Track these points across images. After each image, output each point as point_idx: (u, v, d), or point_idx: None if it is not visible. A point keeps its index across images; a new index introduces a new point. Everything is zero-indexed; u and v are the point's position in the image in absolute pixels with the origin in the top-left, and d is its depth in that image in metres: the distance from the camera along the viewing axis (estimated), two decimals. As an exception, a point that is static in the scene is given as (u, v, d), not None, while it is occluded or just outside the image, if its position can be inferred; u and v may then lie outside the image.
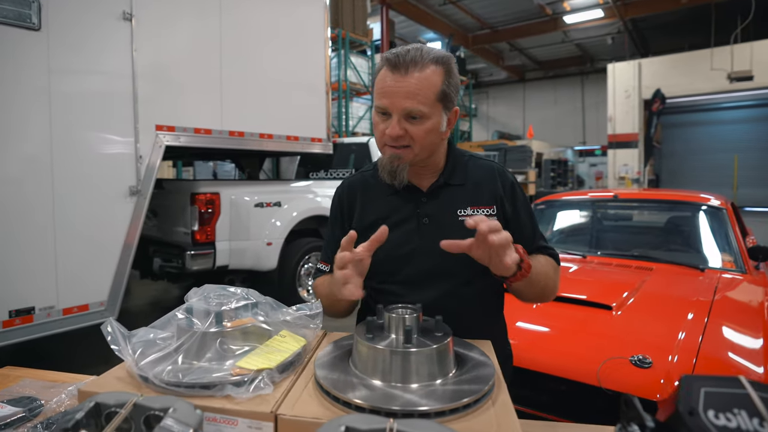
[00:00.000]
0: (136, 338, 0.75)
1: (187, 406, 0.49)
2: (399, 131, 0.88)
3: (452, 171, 1.00)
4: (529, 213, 1.03)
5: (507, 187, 1.01)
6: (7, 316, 2.30)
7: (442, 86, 0.89)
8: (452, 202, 0.98)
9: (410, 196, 0.99)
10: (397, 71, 0.87)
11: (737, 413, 0.38)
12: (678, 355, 1.36)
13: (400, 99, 0.86)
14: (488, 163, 1.04)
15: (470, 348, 0.73)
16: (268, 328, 0.78)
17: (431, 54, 0.88)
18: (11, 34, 2.25)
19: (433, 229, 0.96)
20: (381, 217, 0.99)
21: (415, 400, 0.56)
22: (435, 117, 0.90)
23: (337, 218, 1.07)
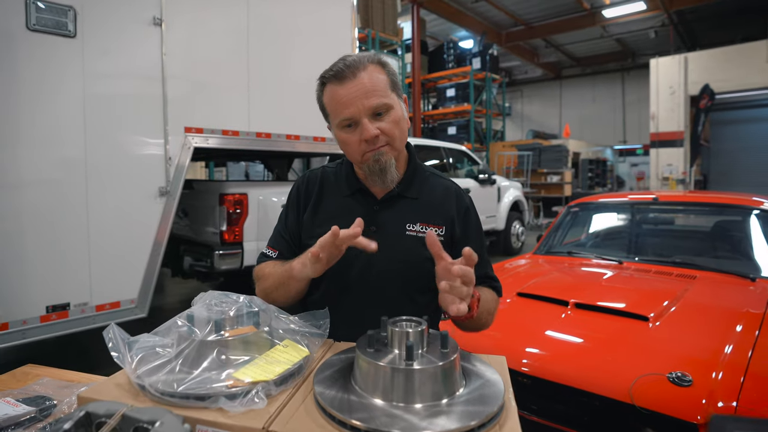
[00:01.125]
0: (137, 344, 0.74)
1: (174, 420, 0.47)
2: (375, 131, 0.88)
3: (409, 183, 1.00)
4: (480, 240, 1.03)
5: (461, 210, 1.01)
6: (44, 311, 2.41)
7: (388, 76, 0.92)
8: (404, 215, 0.98)
9: (364, 201, 0.99)
10: (343, 80, 0.89)
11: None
12: (723, 372, 1.23)
13: (361, 100, 0.88)
14: (447, 183, 1.05)
15: (481, 363, 0.67)
16: (269, 337, 0.75)
17: (364, 57, 0.92)
18: (49, 42, 2.35)
19: (381, 238, 0.92)
20: (333, 216, 0.98)
21: (416, 422, 0.52)
22: (396, 106, 0.92)
23: (292, 208, 1.06)
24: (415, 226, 0.96)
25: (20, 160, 2.31)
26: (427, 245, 0.76)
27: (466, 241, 0.98)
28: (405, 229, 0.96)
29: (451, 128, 11.89)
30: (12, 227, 2.30)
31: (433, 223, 0.97)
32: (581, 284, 2.13)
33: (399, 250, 0.95)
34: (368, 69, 0.89)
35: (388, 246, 0.93)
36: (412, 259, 0.94)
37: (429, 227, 0.96)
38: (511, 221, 6.86)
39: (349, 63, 0.89)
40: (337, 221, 0.92)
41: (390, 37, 8.82)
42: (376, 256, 0.90)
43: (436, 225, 0.97)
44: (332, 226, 0.89)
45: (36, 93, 2.34)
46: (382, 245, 0.91)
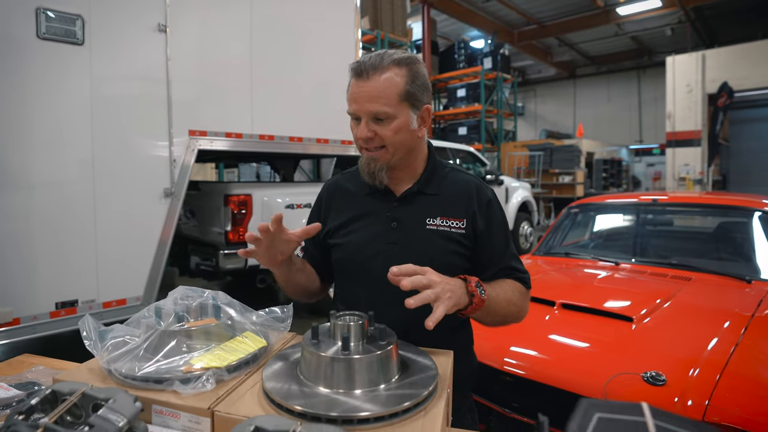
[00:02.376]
0: (111, 334, 0.80)
1: (127, 397, 0.52)
2: (368, 133, 0.92)
3: (428, 180, 1.01)
4: (504, 232, 1.02)
5: (483, 203, 1.00)
6: (53, 307, 2.51)
7: (405, 86, 0.91)
8: (423, 210, 0.98)
9: (384, 198, 1.01)
10: (360, 77, 0.91)
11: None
12: (700, 371, 1.23)
13: (364, 103, 0.90)
14: (468, 177, 1.04)
15: (420, 354, 0.71)
16: (229, 328, 0.79)
17: (392, 57, 0.91)
18: (58, 50, 2.45)
19: (400, 233, 0.97)
20: (355, 215, 1.02)
21: (357, 405, 0.56)
22: (402, 116, 0.92)
23: (314, 214, 1.11)
24: (436, 220, 0.97)
25: (30, 162, 2.41)
26: (392, 281, 0.75)
27: (489, 233, 0.99)
28: (425, 224, 0.97)
29: (461, 128, 11.85)
30: (23, 227, 2.40)
31: (454, 216, 0.98)
32: (572, 285, 2.13)
33: (420, 244, 0.96)
34: (386, 71, 0.89)
35: (409, 240, 0.96)
36: (434, 253, 0.95)
37: (449, 220, 0.97)
38: (519, 222, 6.82)
39: (372, 62, 0.90)
40: (357, 221, 1.01)
41: (399, 38, 8.84)
42: (397, 252, 0.94)
43: (457, 218, 0.97)
44: (355, 226, 1.01)
45: (45, 98, 2.44)
46: (402, 239, 0.96)
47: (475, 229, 0.98)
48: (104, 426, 0.46)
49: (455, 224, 0.97)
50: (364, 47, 8.53)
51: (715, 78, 11.35)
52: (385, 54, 0.92)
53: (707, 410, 1.10)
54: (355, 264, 1.00)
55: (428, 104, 0.96)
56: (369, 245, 0.98)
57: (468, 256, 0.99)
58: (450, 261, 0.94)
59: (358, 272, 1.00)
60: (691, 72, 11.82)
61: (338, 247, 1.03)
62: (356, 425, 0.50)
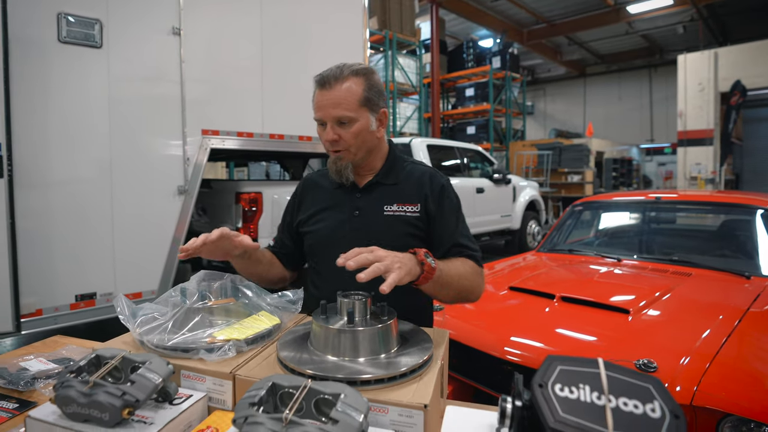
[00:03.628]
0: (141, 311, 0.89)
1: (161, 361, 0.60)
2: (333, 136, 1.04)
3: (387, 172, 1.15)
4: (455, 214, 1.13)
5: (436, 189, 1.12)
6: (73, 299, 2.62)
7: (363, 93, 1.04)
8: (382, 199, 1.12)
9: (349, 190, 1.15)
10: (323, 87, 1.03)
11: (581, 387, 0.40)
12: (690, 358, 1.28)
13: (329, 109, 1.03)
14: (424, 168, 1.18)
15: (420, 332, 0.77)
16: (247, 307, 0.88)
17: (351, 68, 1.04)
18: (78, 53, 2.56)
19: (361, 220, 1.11)
20: (324, 207, 1.16)
21: (360, 369, 0.63)
22: (362, 120, 1.05)
23: (289, 209, 1.25)
24: (393, 207, 1.10)
25: (51, 161, 2.52)
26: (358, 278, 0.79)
27: (441, 214, 1.11)
28: (384, 210, 1.10)
29: (470, 128, 11.86)
30: (45, 223, 2.51)
31: (409, 202, 1.10)
32: (573, 280, 2.18)
33: (378, 227, 1.09)
34: (347, 81, 1.03)
35: (369, 225, 1.10)
36: (392, 235, 1.08)
37: (404, 206, 1.10)
38: (527, 221, 6.83)
39: (333, 73, 1.03)
40: (325, 211, 1.16)
41: (408, 38, 8.90)
42: (360, 236, 1.06)
43: (411, 203, 1.10)
44: (324, 215, 1.15)
45: (66, 99, 2.55)
46: (364, 226, 1.10)
47: (428, 211, 1.10)
48: (144, 382, 0.54)
49: (410, 209, 1.09)
50: (373, 47, 8.60)
51: (728, 76, 11.22)
52: (345, 66, 1.04)
53: (695, 395, 1.15)
54: (324, 248, 1.13)
55: (384, 108, 1.10)
56: (335, 231, 1.12)
57: (423, 237, 1.11)
58: (406, 242, 1.04)
59: (326, 255, 1.11)
60: (703, 70, 11.70)
61: (309, 234, 1.16)
62: (360, 386, 0.57)
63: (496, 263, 2.66)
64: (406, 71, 9.16)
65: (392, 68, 8.63)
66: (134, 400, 0.53)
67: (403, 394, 0.57)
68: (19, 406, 0.76)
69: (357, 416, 0.46)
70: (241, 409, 0.49)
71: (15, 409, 0.75)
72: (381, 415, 0.55)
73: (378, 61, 8.70)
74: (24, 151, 2.40)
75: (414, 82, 9.36)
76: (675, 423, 0.37)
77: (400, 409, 0.55)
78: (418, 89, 9.58)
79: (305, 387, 0.51)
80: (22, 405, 0.77)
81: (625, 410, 0.38)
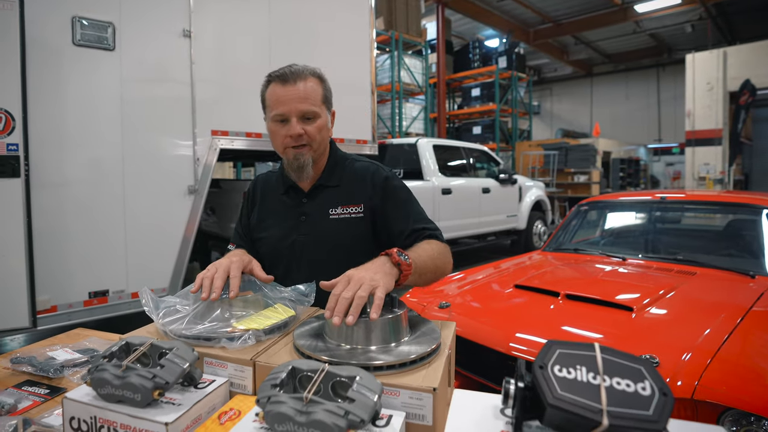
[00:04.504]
0: (164, 304, 0.93)
1: (187, 347, 0.64)
2: (299, 130, 1.04)
3: (329, 174, 1.15)
4: (405, 202, 1.12)
5: (378, 184, 1.12)
6: (87, 296, 2.68)
7: (323, 92, 1.09)
8: (326, 202, 1.12)
9: (295, 195, 1.16)
10: (287, 83, 1.04)
11: (578, 369, 0.44)
12: (692, 355, 1.31)
13: (295, 103, 1.04)
14: (366, 165, 1.17)
15: (429, 324, 0.81)
16: (264, 299, 0.92)
17: (308, 69, 1.08)
18: (92, 55, 2.62)
19: (308, 225, 1.12)
20: (272, 212, 1.18)
21: (373, 356, 0.67)
22: (323, 116, 1.09)
23: (245, 208, 1.26)
24: (337, 210, 1.11)
25: (65, 161, 2.59)
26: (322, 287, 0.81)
27: (388, 206, 1.11)
28: (329, 214, 1.11)
29: (476, 128, 11.87)
30: (59, 221, 2.58)
31: (352, 203, 1.11)
32: (578, 278, 2.21)
33: (325, 233, 1.11)
34: (309, 80, 1.06)
35: (316, 230, 1.11)
36: (339, 239, 1.10)
37: (348, 207, 1.11)
38: (533, 221, 6.84)
39: (294, 70, 1.05)
40: (273, 217, 1.17)
41: (413, 38, 8.93)
42: (306, 242, 1.10)
43: (355, 204, 1.11)
44: (272, 221, 1.16)
45: (79, 100, 2.62)
46: (311, 231, 1.11)
47: (373, 209, 1.11)
48: (172, 366, 0.58)
49: (354, 210, 1.10)
50: (379, 48, 8.64)
51: (737, 75, 11.13)
52: (301, 66, 1.07)
53: (696, 390, 1.18)
54: (276, 254, 1.14)
55: (334, 109, 1.15)
56: (285, 238, 1.13)
57: (369, 237, 1.11)
58: (353, 244, 1.07)
59: (279, 260, 1.14)
60: (711, 69, 11.62)
61: (261, 241, 1.18)
62: (373, 371, 0.61)
63: (502, 262, 2.69)
64: (412, 71, 9.19)
65: (398, 68, 8.66)
66: (164, 382, 0.57)
67: (413, 378, 0.61)
68: (50, 391, 0.81)
69: (372, 396, 0.50)
70: (264, 390, 0.53)
71: (47, 394, 0.80)
72: (393, 398, 0.59)
73: (384, 61, 8.74)
74: (40, 152, 2.46)
75: (420, 82, 9.39)
76: (663, 400, 0.40)
77: (411, 392, 0.59)
78: (424, 89, 9.61)
79: (323, 370, 0.54)
80: (52, 391, 0.81)
81: (618, 389, 0.42)
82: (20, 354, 0.96)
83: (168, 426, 0.54)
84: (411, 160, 5.35)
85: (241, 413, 0.60)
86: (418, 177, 5.18)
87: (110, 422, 0.57)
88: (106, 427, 0.57)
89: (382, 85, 8.75)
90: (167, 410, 0.57)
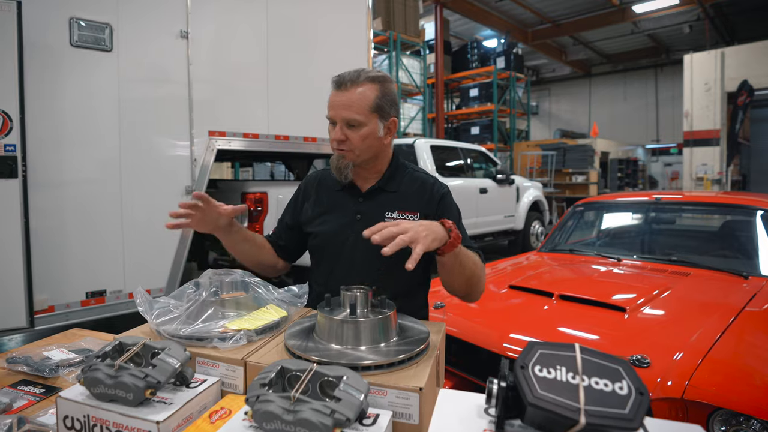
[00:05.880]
0: (158, 304, 0.94)
1: (179, 347, 0.65)
2: (340, 136, 1.09)
3: (389, 179, 1.19)
4: (457, 220, 1.17)
5: (436, 198, 1.18)
6: (84, 296, 2.69)
7: (375, 100, 1.08)
8: (383, 205, 1.16)
9: (351, 194, 1.20)
10: (339, 89, 1.08)
11: (558, 369, 0.45)
12: (683, 355, 1.32)
13: (340, 110, 1.08)
14: (425, 177, 1.22)
15: (417, 323, 0.82)
16: (256, 300, 0.93)
17: (368, 74, 1.09)
18: (89, 56, 2.63)
19: (364, 224, 1.10)
20: (327, 208, 1.20)
21: (362, 356, 0.68)
22: (371, 125, 1.09)
23: (291, 204, 1.29)
24: (393, 214, 1.14)
25: (63, 161, 2.60)
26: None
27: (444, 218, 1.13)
28: (384, 217, 1.14)
29: (474, 128, 11.89)
30: (56, 222, 2.58)
31: (409, 210, 1.14)
32: (572, 279, 2.22)
33: None
34: (362, 86, 1.07)
35: None
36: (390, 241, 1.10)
37: (404, 214, 1.14)
38: (530, 221, 6.86)
39: (349, 76, 1.08)
40: (329, 213, 1.20)
41: (412, 39, 8.94)
42: (362, 239, 1.06)
43: (411, 212, 1.14)
44: (328, 217, 1.19)
45: (77, 101, 2.62)
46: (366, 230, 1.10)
47: (428, 218, 1.10)
48: (164, 366, 0.59)
49: (410, 217, 1.14)
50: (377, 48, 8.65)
51: (735, 76, 11.16)
52: (362, 71, 1.09)
53: (686, 390, 1.19)
54: (328, 249, 1.18)
55: (395, 117, 1.14)
56: (339, 234, 1.16)
57: None
58: (404, 250, 1.05)
59: (329, 256, 1.18)
60: (709, 70, 11.64)
61: (314, 236, 1.21)
62: (361, 371, 0.62)
63: (498, 262, 2.70)
64: (410, 72, 9.20)
65: (396, 69, 8.68)
66: (156, 381, 0.58)
67: (400, 378, 0.62)
68: (45, 391, 0.82)
69: (358, 395, 0.51)
70: (253, 389, 0.54)
71: (42, 393, 0.81)
72: (380, 397, 0.60)
73: (382, 62, 8.75)
74: (37, 153, 2.47)
75: (418, 82, 9.40)
76: (639, 399, 0.42)
77: (398, 391, 0.60)
78: (422, 90, 9.63)
79: (311, 370, 0.56)
80: (47, 390, 0.82)
81: (596, 388, 0.43)
82: (16, 354, 0.97)
83: (159, 424, 0.55)
84: (408, 160, 5.36)
85: (232, 412, 0.61)
86: (416, 177, 5.19)
87: (103, 421, 0.58)
88: (99, 426, 0.59)
89: (380, 86, 8.75)
90: (159, 409, 0.58)
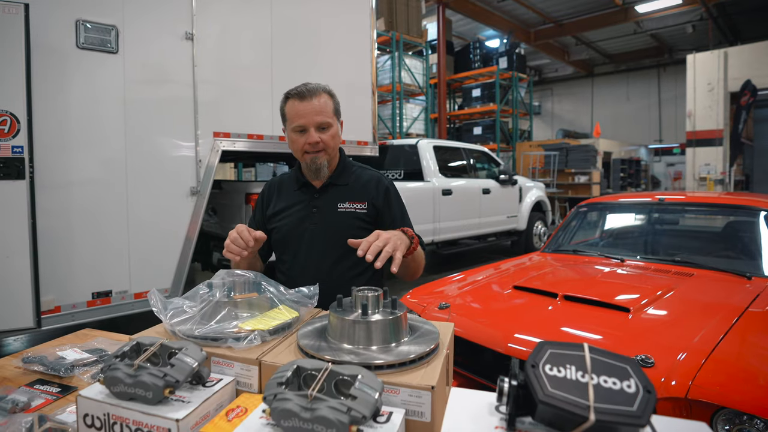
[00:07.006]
0: (171, 305, 0.96)
1: (196, 347, 0.67)
2: (317, 138, 1.25)
3: (339, 175, 1.36)
4: (400, 209, 1.39)
5: (381, 190, 1.36)
6: (90, 297, 2.71)
7: (334, 105, 1.30)
8: (336, 198, 1.33)
9: (308, 191, 1.36)
10: (305, 99, 1.25)
11: (568, 367, 0.47)
12: (687, 354, 1.33)
13: (312, 116, 1.24)
14: (371, 173, 1.41)
15: (428, 324, 0.84)
16: (268, 301, 0.95)
17: (320, 86, 1.28)
18: (95, 58, 2.65)
19: (319, 216, 1.33)
20: (287, 205, 1.36)
21: (374, 356, 0.70)
22: (335, 126, 1.30)
23: (259, 205, 1.44)
24: (345, 204, 1.32)
25: (69, 162, 2.62)
26: (348, 243, 1.04)
27: (388, 210, 1.35)
28: (337, 208, 1.32)
29: (476, 128, 11.89)
30: (63, 222, 2.61)
31: (358, 200, 1.32)
32: (576, 279, 2.23)
33: (333, 223, 1.31)
34: (322, 96, 1.26)
35: (326, 220, 1.31)
36: (345, 228, 1.29)
37: (354, 203, 1.32)
38: (533, 221, 6.86)
39: (309, 88, 1.25)
40: (289, 209, 1.35)
41: (414, 39, 8.95)
42: (316, 231, 1.30)
43: (360, 201, 1.32)
44: (288, 212, 1.34)
45: (83, 103, 2.65)
46: (321, 221, 1.31)
47: (375, 207, 1.33)
48: (182, 366, 0.61)
49: (359, 206, 1.32)
50: (379, 48, 8.66)
51: (738, 76, 11.14)
52: (315, 84, 1.27)
53: (690, 389, 1.20)
54: (289, 241, 1.33)
55: (342, 120, 1.36)
56: (298, 227, 1.32)
57: (370, 230, 1.24)
58: (356, 234, 1.17)
59: (290, 247, 1.34)
60: (712, 70, 11.62)
61: (276, 230, 1.36)
62: (374, 370, 0.63)
63: (501, 263, 2.71)
64: (412, 72, 9.21)
65: (399, 69, 8.69)
66: (174, 380, 0.59)
67: (412, 377, 0.64)
68: (61, 390, 0.84)
69: (373, 393, 0.53)
70: (270, 387, 0.55)
71: (58, 392, 0.83)
72: (393, 396, 0.62)
73: (385, 62, 8.76)
74: (44, 154, 2.49)
75: (420, 82, 9.41)
76: (647, 396, 0.43)
77: (410, 390, 0.61)
78: (425, 90, 9.63)
79: (326, 369, 0.57)
80: (64, 389, 0.84)
81: (605, 386, 0.44)
82: (31, 353, 0.99)
83: (179, 422, 0.57)
84: (411, 161, 5.38)
85: (248, 410, 0.62)
86: (419, 178, 5.21)
87: (123, 419, 0.60)
88: (119, 424, 0.60)
89: (382, 86, 8.78)
90: (177, 407, 0.60)
